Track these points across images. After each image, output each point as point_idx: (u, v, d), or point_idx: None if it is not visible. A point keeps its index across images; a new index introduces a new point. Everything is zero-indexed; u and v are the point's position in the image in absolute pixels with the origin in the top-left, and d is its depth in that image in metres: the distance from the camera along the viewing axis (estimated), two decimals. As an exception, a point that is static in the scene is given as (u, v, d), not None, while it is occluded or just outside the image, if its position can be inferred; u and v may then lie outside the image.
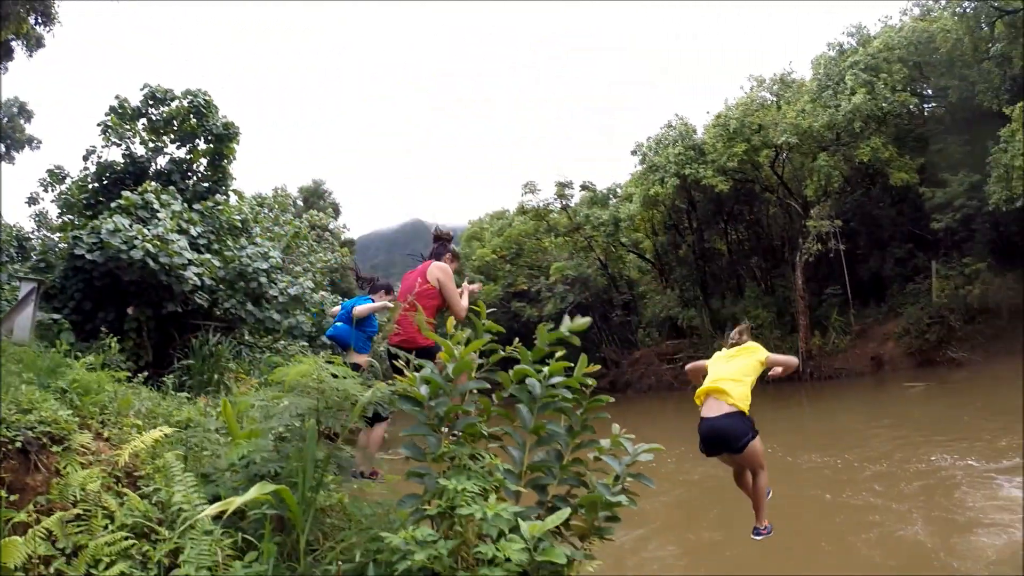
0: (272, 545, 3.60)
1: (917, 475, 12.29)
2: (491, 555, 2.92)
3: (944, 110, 31.95)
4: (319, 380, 3.70)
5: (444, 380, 3.63)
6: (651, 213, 34.55)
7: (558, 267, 34.57)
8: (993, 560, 8.13)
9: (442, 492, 3.20)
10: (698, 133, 31.01)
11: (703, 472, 14.46)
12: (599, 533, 3.49)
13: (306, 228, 18.31)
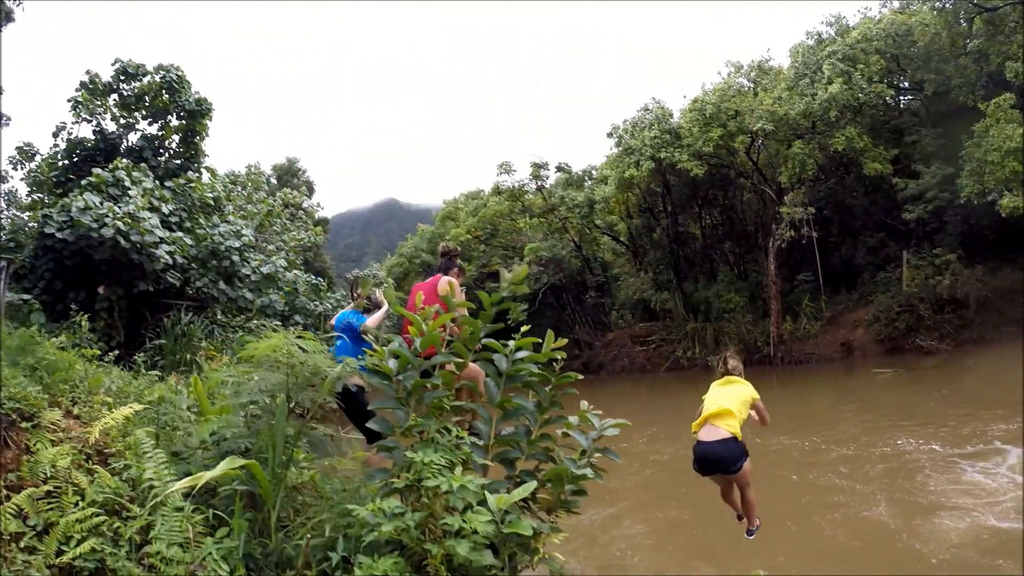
0: (243, 521, 3.61)
1: (882, 458, 12.55)
2: (457, 527, 2.96)
3: (920, 103, 32.28)
4: (288, 355, 3.70)
5: (412, 354, 3.66)
6: (626, 196, 34.51)
7: (532, 248, 34.48)
8: (956, 543, 8.32)
9: (410, 465, 3.23)
10: (675, 117, 30.95)
11: (672, 452, 14.67)
12: (566, 506, 3.55)
13: (279, 206, 18.19)
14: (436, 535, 3.01)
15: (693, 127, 28.54)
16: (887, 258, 28.95)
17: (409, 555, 3.08)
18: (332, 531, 3.44)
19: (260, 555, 3.66)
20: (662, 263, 35.25)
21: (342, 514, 3.43)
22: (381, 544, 3.01)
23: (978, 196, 23.08)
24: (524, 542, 3.13)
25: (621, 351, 33.17)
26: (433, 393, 3.67)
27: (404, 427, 3.53)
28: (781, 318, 29.28)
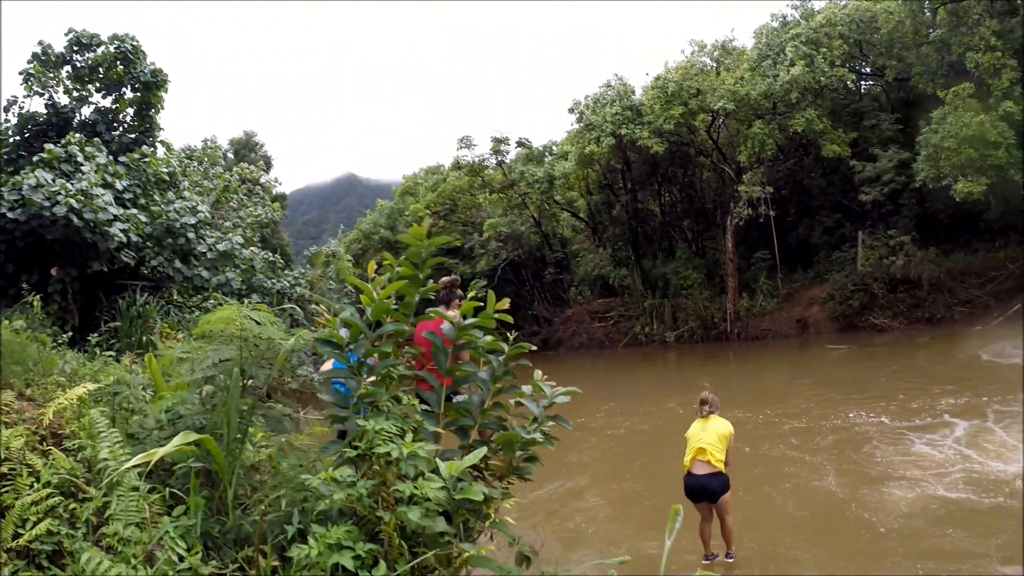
0: (199, 499, 3.60)
1: (833, 431, 12.88)
2: (409, 493, 2.99)
3: (880, 89, 32.90)
4: (241, 328, 3.69)
5: (364, 324, 3.67)
6: (586, 172, 34.59)
7: (491, 224, 34.35)
8: (905, 513, 8.55)
9: (362, 435, 3.26)
10: (636, 94, 31.00)
11: (629, 427, 14.95)
12: (517, 472, 3.60)
13: (236, 182, 17.89)
14: (389, 503, 3.05)
15: (655, 104, 28.61)
16: (843, 238, 29.59)
17: (363, 523, 3.12)
18: (288, 505, 3.46)
19: (218, 533, 3.67)
20: (621, 239, 35.36)
21: (298, 488, 3.45)
22: (334, 513, 3.03)
23: (933, 180, 23.62)
24: (476, 508, 3.19)
25: (580, 327, 33.35)
26: (384, 362, 3.69)
27: (356, 396, 3.55)
28: (738, 295, 29.79)
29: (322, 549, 2.85)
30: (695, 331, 30.42)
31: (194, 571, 3.15)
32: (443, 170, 39.17)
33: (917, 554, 7.40)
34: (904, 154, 26.12)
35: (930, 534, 7.93)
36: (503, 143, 34.78)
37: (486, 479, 3.54)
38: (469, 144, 34.86)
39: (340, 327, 3.68)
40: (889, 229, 27.56)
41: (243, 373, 3.86)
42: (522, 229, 34.55)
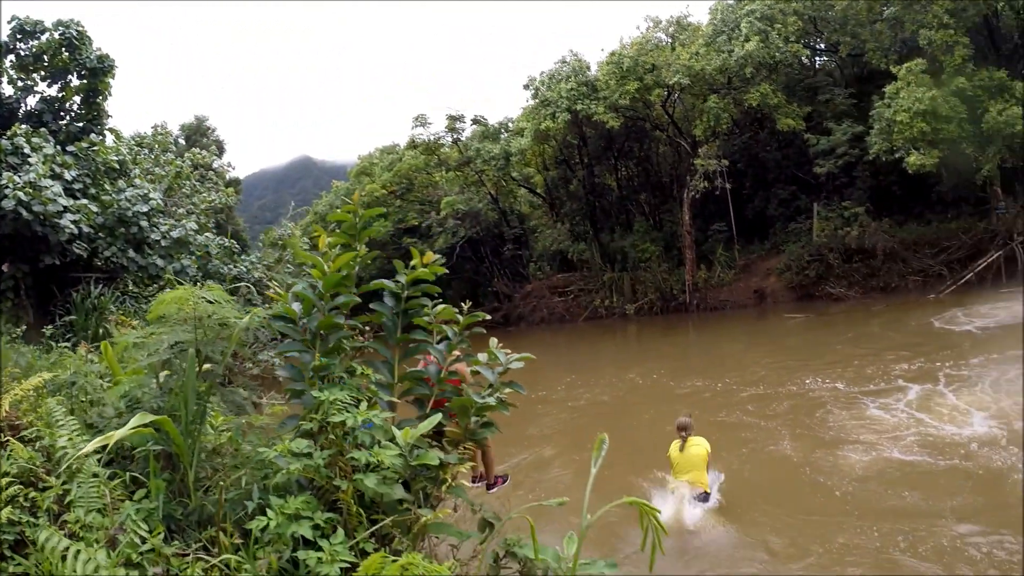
0: (160, 482, 3.60)
1: (788, 396, 13.18)
2: (365, 461, 3.03)
3: (834, 64, 33.51)
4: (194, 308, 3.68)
5: (316, 297, 3.69)
6: (542, 148, 34.59)
7: (448, 201, 34.23)
8: (860, 476, 8.81)
9: (318, 407, 3.29)
10: (592, 70, 31.03)
11: (589, 398, 15.18)
12: (473, 438, 3.66)
13: (188, 168, 17.53)
14: (346, 472, 3.09)
15: (610, 80, 28.70)
16: (798, 210, 30.15)
17: (321, 494, 3.16)
18: (248, 483, 3.47)
19: (181, 515, 3.68)
20: (579, 214, 35.56)
21: (258, 466, 3.47)
22: (292, 485, 3.07)
23: (886, 153, 24.18)
24: (435, 475, 3.24)
25: (540, 302, 33.55)
26: (337, 334, 3.72)
27: (311, 368, 3.57)
28: (696, 267, 30.22)
29: (280, 520, 2.88)
30: (654, 303, 30.83)
31: (157, 552, 3.16)
32: (399, 149, 38.73)
33: (873, 515, 7.60)
34: (858, 128, 26.64)
35: (886, 496, 8.15)
36: (458, 121, 34.63)
37: (443, 447, 3.58)
38: (424, 122, 34.59)
39: (292, 301, 3.69)
40: (844, 201, 28.16)
41: (199, 354, 3.86)
42: (479, 206, 34.49)
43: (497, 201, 35.86)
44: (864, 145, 25.71)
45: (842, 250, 27.26)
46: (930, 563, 6.52)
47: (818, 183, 29.29)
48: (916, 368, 14.25)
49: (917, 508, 7.77)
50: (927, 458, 9.24)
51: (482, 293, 36.16)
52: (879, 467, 9.12)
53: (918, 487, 8.28)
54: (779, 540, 7.38)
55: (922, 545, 6.87)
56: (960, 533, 7.05)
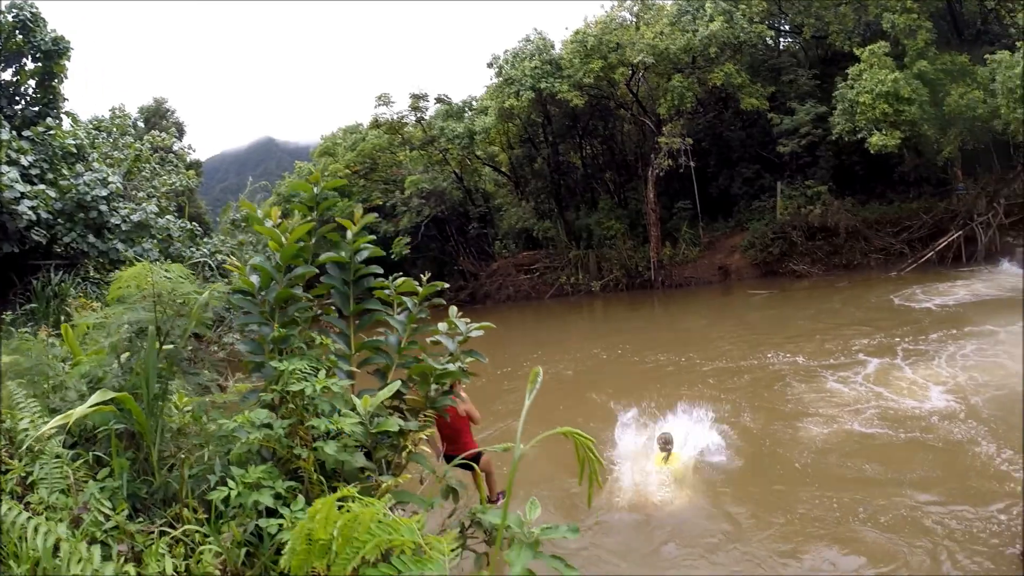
0: (123, 460, 3.61)
1: (749, 370, 13.40)
2: (324, 428, 3.06)
3: (798, 46, 33.80)
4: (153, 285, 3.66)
5: (274, 269, 3.70)
6: (506, 126, 34.40)
7: (413, 180, 33.64)
8: (819, 448, 8.98)
9: (278, 378, 3.31)
10: (556, 48, 30.77)
11: (554, 374, 15.31)
12: (433, 405, 3.69)
13: (148, 151, 17.23)
14: (307, 441, 3.11)
15: (574, 58, 28.55)
16: (762, 188, 30.48)
17: (282, 464, 3.19)
18: (211, 458, 3.50)
19: (145, 494, 3.69)
20: (544, 192, 35.50)
21: (220, 440, 3.49)
22: (253, 456, 3.09)
23: (849, 134, 24.50)
24: (395, 442, 3.27)
25: (506, 280, 33.52)
26: (296, 305, 3.74)
27: (270, 340, 3.58)
28: (661, 244, 30.46)
29: (241, 490, 2.90)
30: (620, 280, 31.00)
31: (121, 529, 3.17)
32: (362, 129, 38.19)
33: (833, 486, 7.78)
34: (821, 108, 26.89)
35: (845, 467, 8.33)
36: (422, 99, 34.09)
37: (405, 415, 3.61)
38: (387, 101, 34.05)
39: (250, 274, 3.70)
40: (807, 180, 28.47)
41: (159, 332, 3.85)
42: (444, 185, 34.08)
43: (462, 180, 35.55)
44: (827, 125, 25.99)
45: (805, 228, 27.62)
46: (890, 533, 6.66)
47: (781, 162, 29.61)
48: (875, 343, 14.52)
49: (876, 479, 7.93)
50: (886, 431, 9.41)
51: (448, 272, 36.08)
52: (838, 439, 9.28)
53: (877, 459, 8.44)
54: (741, 510, 7.52)
55: (882, 515, 7.02)
56: (919, 503, 7.21)
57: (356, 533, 1.58)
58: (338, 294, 3.94)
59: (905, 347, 13.96)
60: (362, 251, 4.03)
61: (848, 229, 26.99)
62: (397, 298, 3.97)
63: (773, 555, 6.62)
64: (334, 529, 1.62)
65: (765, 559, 6.59)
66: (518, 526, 2.88)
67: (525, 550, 2.76)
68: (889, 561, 6.29)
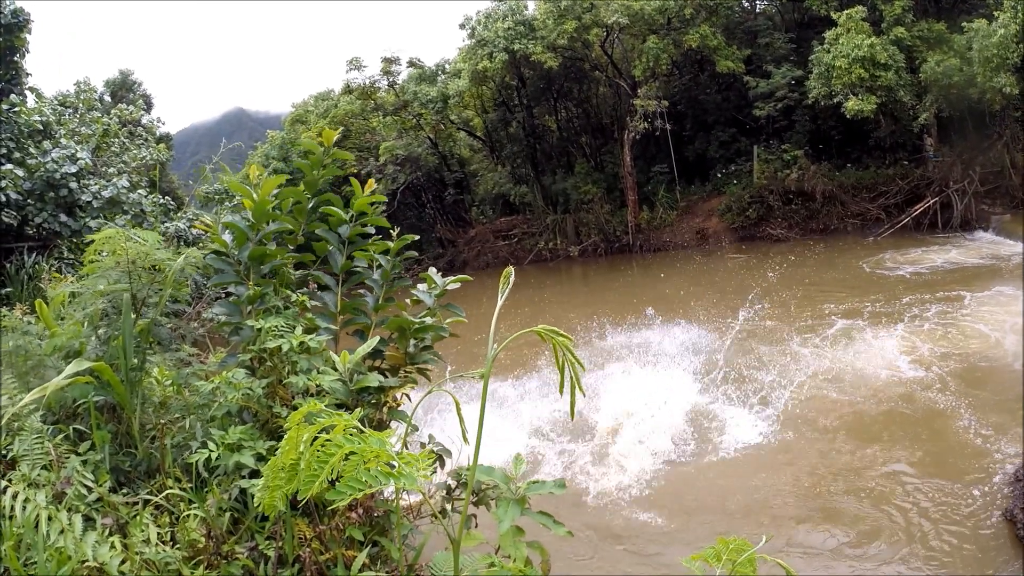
0: (104, 433, 3.57)
1: (723, 332, 13.58)
2: (303, 385, 3.04)
3: (775, 9, 33.78)
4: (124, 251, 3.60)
5: (248, 227, 3.65)
6: (480, 90, 34.09)
7: (387, 147, 33.20)
8: (786, 417, 9.12)
9: (256, 337, 3.28)
10: (529, 9, 30.57)
11: (552, 319, 15.47)
12: (413, 361, 3.67)
13: (116, 125, 16.85)
14: (285, 399, 3.09)
15: (547, 19, 28.35)
16: (738, 152, 30.62)
17: (263, 424, 3.17)
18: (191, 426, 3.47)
19: (129, 466, 3.67)
20: (519, 157, 35.31)
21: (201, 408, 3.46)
22: (233, 417, 3.06)
23: (825, 98, 24.62)
24: (375, 399, 3.26)
25: (484, 247, 33.56)
26: (273, 261, 3.70)
27: (245, 299, 3.54)
28: (638, 208, 30.60)
29: (222, 451, 2.89)
30: (598, 244, 31.19)
31: (105, 502, 3.15)
32: (334, 95, 37.52)
33: (802, 456, 7.95)
34: (797, 72, 26.97)
35: (810, 436, 8.49)
36: (394, 63, 33.60)
37: (386, 374, 3.59)
38: (359, 66, 33.50)
39: (223, 232, 3.64)
40: (783, 144, 28.68)
41: (135, 300, 3.79)
42: (419, 151, 33.70)
43: (436, 145, 35.19)
44: (803, 89, 26.10)
45: (782, 192, 27.82)
46: (863, 505, 6.75)
47: (758, 126, 29.72)
48: (847, 308, 14.76)
49: (844, 449, 8.05)
50: (855, 398, 9.53)
51: (426, 240, 35.96)
52: (804, 406, 9.41)
53: (844, 427, 8.60)
54: (700, 485, 7.68)
55: (853, 483, 7.14)
56: (893, 473, 7.31)
57: (325, 448, 1.56)
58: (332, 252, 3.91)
59: (875, 312, 14.20)
60: (363, 215, 4.02)
61: (825, 194, 27.19)
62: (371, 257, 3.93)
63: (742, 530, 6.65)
64: (301, 445, 1.60)
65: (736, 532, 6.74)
66: (504, 482, 2.89)
67: (512, 506, 2.78)
68: (865, 535, 6.33)
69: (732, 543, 1.96)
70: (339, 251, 3.87)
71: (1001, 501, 6.51)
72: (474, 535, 2.86)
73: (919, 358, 11.05)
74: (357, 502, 3.08)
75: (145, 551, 2.78)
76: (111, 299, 3.90)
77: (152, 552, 2.78)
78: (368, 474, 1.60)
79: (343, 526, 2.95)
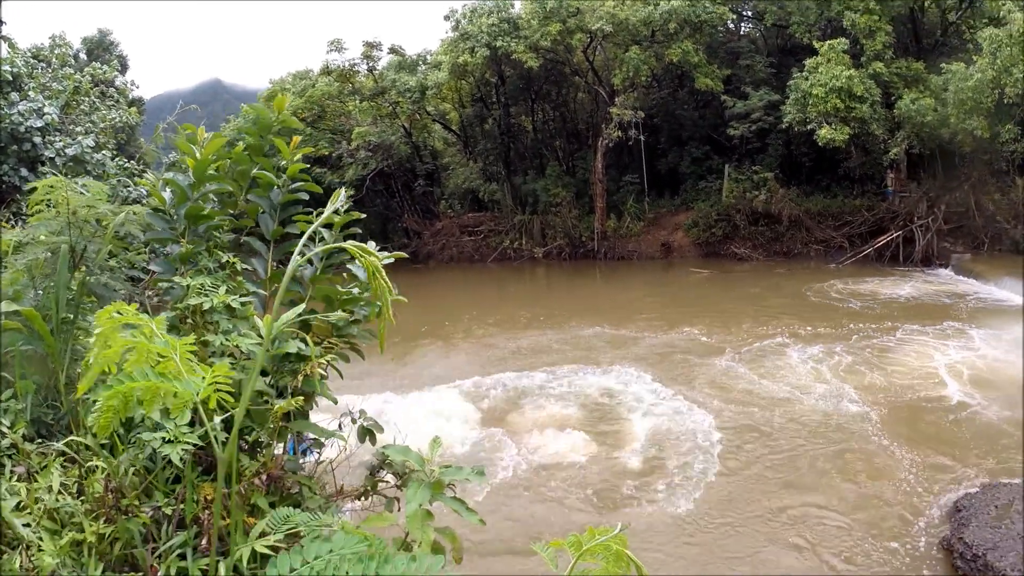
0: (28, 382, 3.53)
1: (661, 344, 13.89)
2: (219, 343, 3.02)
3: (759, 33, 34.32)
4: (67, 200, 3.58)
5: (189, 186, 3.63)
6: (459, 84, 34.11)
7: (360, 132, 32.75)
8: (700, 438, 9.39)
9: (183, 297, 3.27)
10: (515, 8, 30.44)
11: (487, 330, 15.64)
12: (340, 333, 3.67)
13: (88, 83, 16.49)
14: (202, 357, 3.08)
15: (532, 19, 28.36)
16: (710, 169, 31.02)
17: (182, 381, 3.14)
18: (112, 378, 3.43)
19: (51, 419, 3.63)
20: (492, 154, 35.24)
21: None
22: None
23: (799, 124, 24.99)
24: (296, 368, 3.26)
25: (450, 240, 33.43)
26: (209, 222, 3.69)
27: (177, 258, 3.52)
28: (606, 215, 30.81)
29: (130, 403, 2.85)
30: (563, 248, 31.32)
31: (19, 450, 3.12)
32: (312, 75, 37.10)
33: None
34: (774, 96, 27.33)
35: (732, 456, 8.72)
36: (375, 48, 33.25)
37: (311, 341, 3.57)
38: (340, 47, 33.11)
39: (163, 189, 3.63)
40: (755, 165, 29.06)
41: (73, 252, 3.77)
42: (392, 139, 33.36)
43: (410, 135, 34.94)
44: (779, 114, 26.43)
45: (749, 212, 28.22)
46: (792, 536, 6.83)
47: (731, 145, 30.10)
48: (791, 333, 14.89)
49: (772, 480, 8.15)
50: (779, 425, 9.61)
51: (392, 229, 35.73)
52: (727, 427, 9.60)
53: (770, 459, 8.67)
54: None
55: (779, 518, 7.22)
56: (818, 505, 7.41)
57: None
58: (263, 216, 3.90)
59: (816, 337, 14.42)
60: (297, 181, 4.02)
61: (791, 218, 27.63)
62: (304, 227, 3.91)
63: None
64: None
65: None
66: (419, 464, 2.91)
67: (423, 489, 2.80)
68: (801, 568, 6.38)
69: (600, 532, 1.98)
70: (271, 216, 3.87)
71: (936, 532, 6.61)
72: (385, 516, 2.87)
73: (859, 387, 11.18)
74: (264, 469, 3.09)
75: (46, 499, 2.77)
76: (54, 250, 3.87)
77: (51, 500, 2.78)
78: (142, 373, 1.59)
79: (247, 492, 2.96)
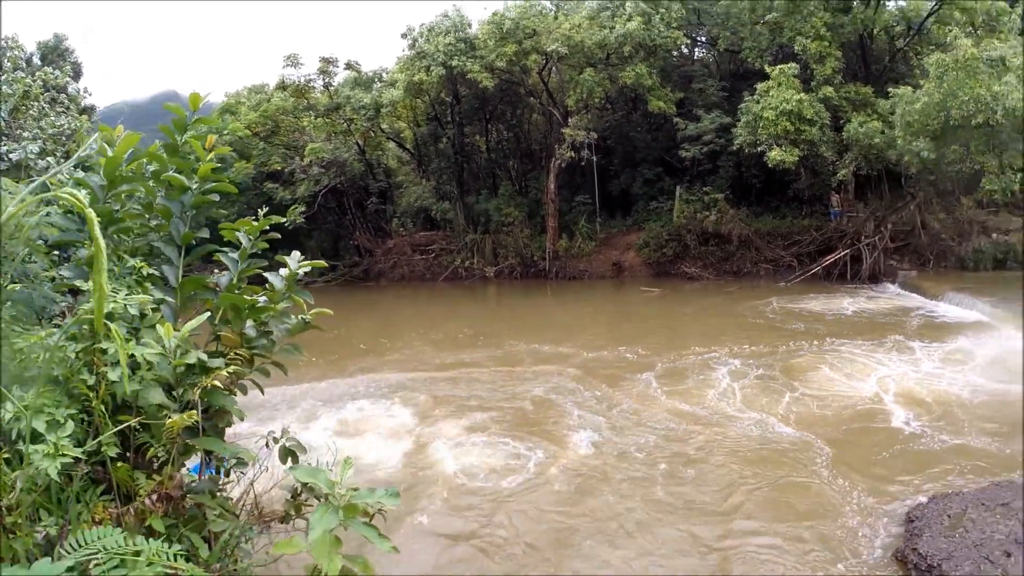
0: None
1: (598, 364, 13.90)
2: (114, 351, 2.79)
3: (712, 58, 34.96)
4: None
5: (100, 187, 3.43)
6: (414, 102, 34.08)
7: (314, 148, 32.46)
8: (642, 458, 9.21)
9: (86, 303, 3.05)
10: (472, 28, 30.48)
11: (423, 349, 15.55)
12: (250, 345, 3.48)
13: (39, 88, 15.82)
14: (98, 366, 2.87)
15: (489, 39, 28.44)
16: (661, 190, 31.40)
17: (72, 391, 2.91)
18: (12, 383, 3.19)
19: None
20: (446, 173, 35.31)
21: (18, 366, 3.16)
22: (46, 379, 2.80)
23: (750, 146, 25.32)
24: (195, 382, 3.05)
25: (401, 259, 33.35)
26: (118, 225, 3.48)
27: (85, 261, 3.31)
28: (558, 235, 30.96)
29: (16, 412, 2.63)
30: (515, 267, 31.39)
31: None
32: (267, 90, 36.73)
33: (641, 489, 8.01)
34: (726, 119, 27.75)
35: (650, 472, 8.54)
36: (331, 64, 33.13)
37: (222, 355, 3.38)
38: (296, 62, 32.84)
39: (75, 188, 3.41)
40: (705, 187, 29.41)
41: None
42: (346, 156, 33.15)
43: (364, 152, 34.77)
44: (730, 136, 26.75)
45: (699, 233, 28.50)
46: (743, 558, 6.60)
47: (683, 167, 30.51)
48: (731, 351, 14.75)
49: (708, 502, 7.82)
50: (716, 444, 9.38)
51: (343, 246, 35.66)
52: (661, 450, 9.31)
53: (707, 482, 8.32)
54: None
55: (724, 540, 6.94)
56: (759, 528, 7.08)
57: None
58: (175, 220, 3.68)
59: (756, 354, 14.35)
60: (208, 183, 3.79)
61: (741, 237, 28.02)
62: (231, 234, 3.73)
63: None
64: None
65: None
66: (328, 487, 2.73)
67: (329, 514, 2.62)
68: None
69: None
70: (181, 220, 3.65)
71: (890, 544, 6.50)
72: (296, 542, 2.68)
73: (794, 401, 11.08)
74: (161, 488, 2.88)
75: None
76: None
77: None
78: None
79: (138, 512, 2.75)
